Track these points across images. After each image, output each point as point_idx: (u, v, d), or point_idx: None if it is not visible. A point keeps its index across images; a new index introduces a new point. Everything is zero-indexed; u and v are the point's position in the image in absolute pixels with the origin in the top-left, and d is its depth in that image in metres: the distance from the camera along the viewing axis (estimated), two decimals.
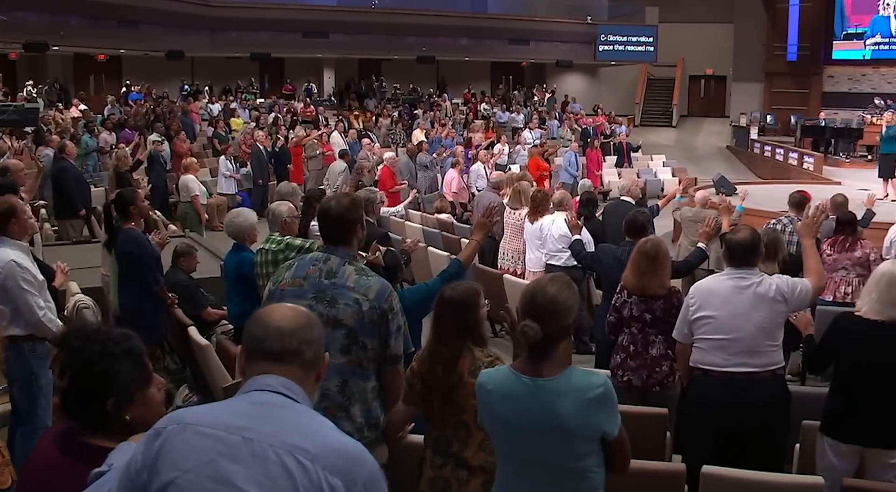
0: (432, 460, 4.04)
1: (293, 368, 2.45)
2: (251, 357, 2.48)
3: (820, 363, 5.23)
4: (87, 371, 2.66)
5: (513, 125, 29.66)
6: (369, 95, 33.91)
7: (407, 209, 14.43)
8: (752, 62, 35.93)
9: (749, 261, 5.09)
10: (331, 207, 4.35)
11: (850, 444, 4.83)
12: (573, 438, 3.19)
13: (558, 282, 3.33)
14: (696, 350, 5.12)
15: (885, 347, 4.75)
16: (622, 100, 38.37)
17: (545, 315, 3.21)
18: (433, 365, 4.01)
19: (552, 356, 3.26)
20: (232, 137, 23.19)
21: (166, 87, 30.48)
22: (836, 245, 8.86)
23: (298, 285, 4.22)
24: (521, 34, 35.25)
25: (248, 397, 2.40)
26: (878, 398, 4.77)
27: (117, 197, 7.53)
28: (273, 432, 2.29)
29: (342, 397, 4.16)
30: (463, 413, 3.94)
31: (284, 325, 2.47)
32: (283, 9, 30.68)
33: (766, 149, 29.53)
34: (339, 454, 2.31)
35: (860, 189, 19.83)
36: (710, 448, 4.89)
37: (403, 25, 32.36)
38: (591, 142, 23.99)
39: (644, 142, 30.87)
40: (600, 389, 3.19)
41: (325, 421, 2.45)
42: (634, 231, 7.16)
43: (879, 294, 4.80)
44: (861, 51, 33.67)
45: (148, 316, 7.30)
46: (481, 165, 18.08)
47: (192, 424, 2.33)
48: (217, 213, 17.64)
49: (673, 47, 36.77)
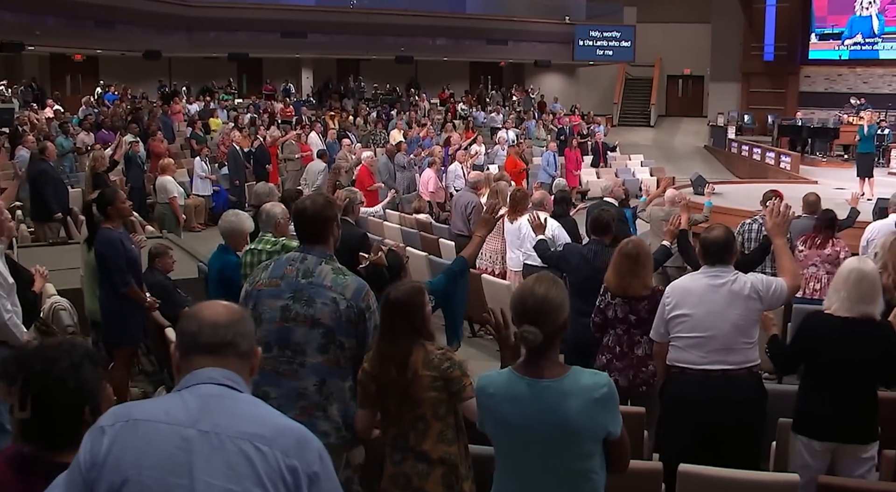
0: (391, 457, 4.02)
1: (230, 360, 2.46)
2: (187, 353, 2.48)
3: (791, 363, 5.25)
4: (62, 389, 2.60)
5: (491, 125, 29.66)
6: (348, 95, 33.86)
7: (385, 210, 14.40)
8: (729, 62, 36.08)
9: (724, 259, 5.11)
10: (306, 206, 4.35)
11: (825, 441, 4.87)
12: (578, 438, 3.17)
13: (545, 281, 3.31)
14: (673, 348, 5.14)
15: (857, 343, 4.78)
16: (600, 100, 38.46)
17: (539, 316, 3.20)
18: (385, 367, 3.99)
19: (552, 356, 3.25)
20: (211, 137, 23.12)
21: (144, 88, 30.34)
22: (808, 242, 8.92)
23: (275, 285, 4.22)
24: (500, 34, 35.30)
25: (195, 391, 2.39)
26: (851, 394, 4.82)
27: (99, 196, 7.48)
28: (227, 423, 2.31)
29: (320, 397, 4.16)
30: (420, 407, 3.94)
31: (218, 319, 2.49)
32: (261, 9, 30.62)
33: (743, 148, 29.66)
34: (291, 437, 2.36)
35: (836, 188, 20.01)
36: (687, 446, 4.90)
37: (382, 25, 32.34)
38: (568, 141, 24.01)
39: (622, 141, 30.96)
40: (605, 388, 3.18)
41: (270, 407, 2.49)
42: (599, 229, 7.21)
43: (849, 291, 4.83)
44: (837, 51, 33.88)
45: (124, 317, 7.27)
46: (459, 165, 18.08)
47: (144, 420, 2.33)
48: (195, 214, 17.60)
49: (651, 47, 36.90)
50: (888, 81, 33.00)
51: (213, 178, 18.68)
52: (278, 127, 24.29)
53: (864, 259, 5.11)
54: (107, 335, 7.38)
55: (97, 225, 7.30)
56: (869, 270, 4.88)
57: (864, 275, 4.84)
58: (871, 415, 4.90)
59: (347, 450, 4.34)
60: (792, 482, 4.38)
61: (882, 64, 32.94)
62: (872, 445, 4.89)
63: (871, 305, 4.82)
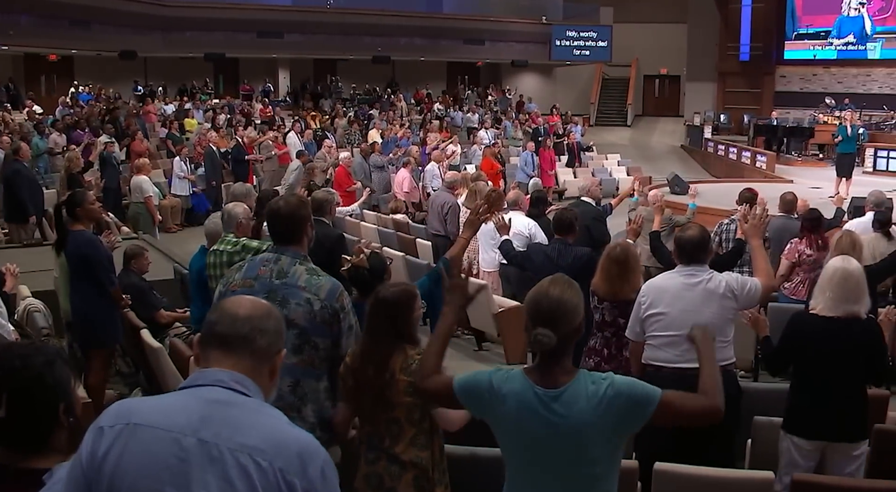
0: (366, 456, 4.01)
1: (243, 357, 2.41)
2: (205, 343, 2.45)
3: (780, 363, 5.26)
4: (40, 384, 2.57)
5: (468, 125, 29.69)
6: (325, 96, 33.81)
7: (362, 210, 14.38)
8: (705, 62, 36.29)
9: (698, 258, 5.14)
10: (280, 206, 4.35)
11: (816, 440, 4.91)
12: (588, 444, 3.11)
13: (560, 283, 3.23)
14: (648, 347, 5.16)
15: (843, 342, 4.83)
16: (577, 99, 38.55)
17: (554, 319, 3.11)
18: (364, 365, 3.98)
19: (566, 363, 3.18)
20: (186, 138, 23.03)
21: (119, 88, 30.19)
22: (813, 244, 8.82)
23: (249, 286, 4.19)
24: (477, 34, 35.35)
25: (199, 394, 2.35)
26: (840, 393, 4.86)
27: (68, 198, 7.45)
28: (228, 434, 2.27)
29: (294, 398, 4.14)
30: (394, 410, 3.93)
31: (238, 311, 2.45)
32: (237, 9, 30.51)
33: (719, 148, 29.82)
34: (294, 452, 2.30)
35: (812, 187, 20.17)
36: (663, 445, 4.91)
37: (359, 25, 32.29)
38: (543, 141, 24.07)
39: (599, 141, 31.07)
40: (608, 390, 3.07)
41: (278, 414, 2.41)
42: (563, 229, 7.22)
43: (833, 291, 4.87)
44: (812, 51, 34.13)
45: (101, 319, 7.23)
46: (436, 165, 18.07)
47: (144, 425, 2.28)
48: (171, 214, 17.52)
49: (627, 47, 37.04)
50: (862, 81, 33.29)
51: (192, 178, 18.61)
52: (255, 128, 24.21)
53: (847, 258, 5.13)
54: (84, 337, 7.34)
55: (66, 227, 7.26)
56: (853, 268, 4.91)
57: (848, 274, 4.88)
58: (861, 413, 4.95)
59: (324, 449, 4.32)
60: (767, 480, 4.41)
61: (855, 64, 33.20)
62: (862, 442, 4.94)
63: (857, 304, 4.86)
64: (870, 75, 33.31)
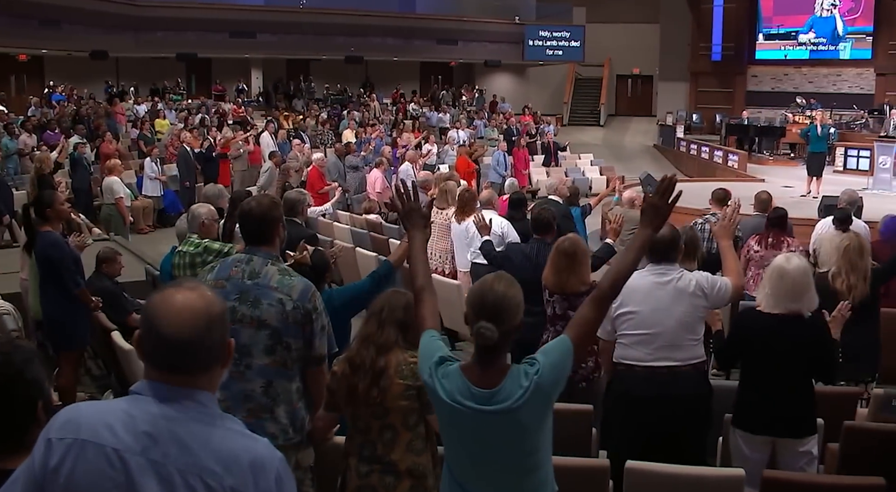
0: (357, 469, 3.94)
1: (191, 371, 2.29)
2: (150, 361, 2.30)
3: (728, 359, 5.35)
4: (21, 381, 2.55)
5: (440, 125, 29.69)
6: (297, 96, 33.72)
7: (335, 210, 14.34)
8: (677, 62, 36.51)
9: (669, 256, 5.16)
10: (252, 207, 4.34)
11: (762, 435, 4.96)
12: (524, 436, 3.15)
13: (504, 279, 3.26)
14: (619, 346, 5.17)
15: (784, 339, 4.87)
16: (550, 99, 38.63)
17: (498, 314, 3.14)
18: (363, 349, 3.94)
19: (501, 360, 3.20)
20: (158, 138, 22.90)
21: (91, 88, 29.97)
22: (763, 242, 8.95)
23: (221, 287, 4.17)
24: (450, 34, 35.39)
25: (147, 407, 2.25)
26: (784, 390, 4.92)
27: (36, 199, 7.41)
28: (177, 453, 2.20)
29: (267, 399, 4.13)
30: (389, 415, 3.89)
31: (181, 334, 2.24)
32: (209, 8, 30.37)
33: (691, 147, 29.95)
34: (246, 465, 2.23)
35: (784, 186, 20.30)
36: (634, 443, 4.94)
37: (331, 25, 32.24)
38: (517, 141, 24.10)
39: (572, 141, 31.13)
40: (537, 376, 3.11)
41: (230, 425, 2.34)
42: (541, 228, 7.23)
43: (772, 288, 4.93)
44: (783, 51, 34.39)
45: (71, 321, 7.20)
46: (410, 165, 18.07)
47: (92, 441, 2.20)
48: (142, 215, 17.42)
49: (600, 47, 37.17)
50: (832, 81, 33.58)
51: (163, 178, 18.51)
52: (229, 128, 24.10)
53: (789, 257, 5.13)
54: (54, 339, 7.30)
55: (35, 228, 7.21)
56: (791, 268, 4.92)
57: (784, 273, 4.91)
58: (807, 410, 5.00)
59: (296, 451, 4.31)
60: (737, 477, 4.43)
61: (825, 64, 33.49)
62: (809, 439, 4.98)
63: (796, 303, 4.89)
64: (840, 75, 33.61)
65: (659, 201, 3.47)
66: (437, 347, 3.31)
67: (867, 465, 4.68)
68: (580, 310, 3.40)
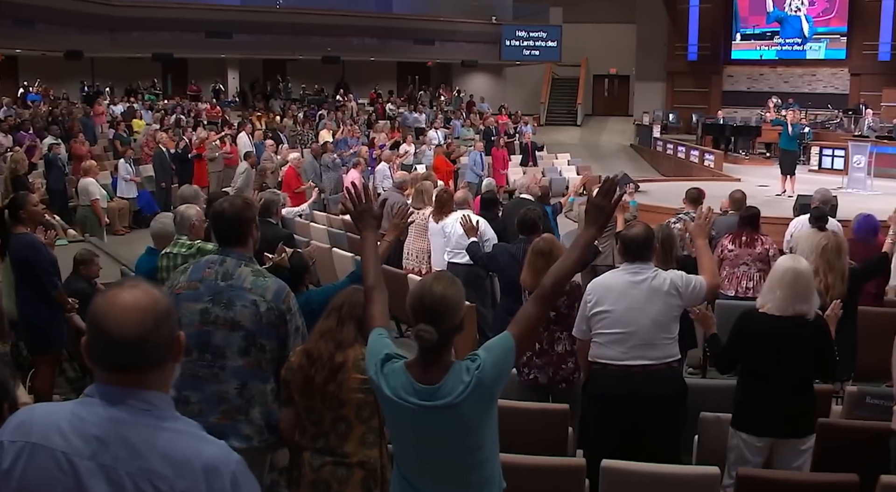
0: (310, 462, 3.98)
1: (144, 373, 2.26)
2: (97, 364, 2.27)
3: (729, 362, 5.29)
4: None
5: (416, 125, 29.67)
6: (274, 96, 33.63)
7: (312, 210, 14.31)
8: (654, 62, 36.67)
9: (643, 255, 5.17)
10: (224, 209, 4.31)
11: (765, 437, 4.96)
12: (469, 432, 3.19)
13: (443, 279, 3.30)
14: (595, 345, 5.17)
15: (791, 341, 4.88)
16: (527, 99, 38.64)
17: (437, 315, 3.17)
18: (322, 343, 3.97)
19: (444, 357, 3.23)
20: (134, 139, 22.77)
21: (66, 88, 29.77)
22: (737, 241, 8.98)
23: (194, 288, 4.17)
24: (427, 34, 35.36)
25: (98, 411, 2.23)
26: (788, 391, 4.93)
27: (10, 201, 7.36)
28: (127, 457, 2.18)
29: (241, 400, 4.12)
30: (343, 408, 3.92)
31: (127, 334, 2.21)
32: (185, 8, 30.20)
33: (668, 147, 30.05)
34: (198, 469, 2.20)
35: (759, 185, 20.40)
36: (610, 442, 4.94)
37: (308, 25, 32.14)
38: (496, 141, 24.12)
39: (549, 141, 31.20)
40: (478, 371, 3.15)
41: (182, 427, 2.29)
42: (527, 228, 7.23)
43: (784, 291, 4.90)
44: (759, 51, 34.61)
45: (46, 323, 7.16)
46: (386, 166, 18.06)
47: (42, 445, 2.20)
48: (118, 217, 17.33)
49: (577, 47, 37.20)
50: (808, 81, 33.82)
51: (138, 180, 18.41)
52: (204, 128, 24.00)
53: (797, 258, 5.18)
54: (30, 341, 7.26)
55: (9, 230, 7.16)
56: (803, 268, 4.96)
57: (799, 274, 4.91)
58: (808, 409, 5.02)
59: (271, 452, 4.31)
60: (713, 475, 4.45)
61: (801, 64, 33.73)
62: (810, 437, 5.01)
63: (806, 304, 4.91)
64: (815, 75, 33.86)
65: (602, 201, 3.51)
66: (384, 345, 3.35)
67: (842, 462, 4.72)
68: (524, 307, 3.46)
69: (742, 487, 4.47)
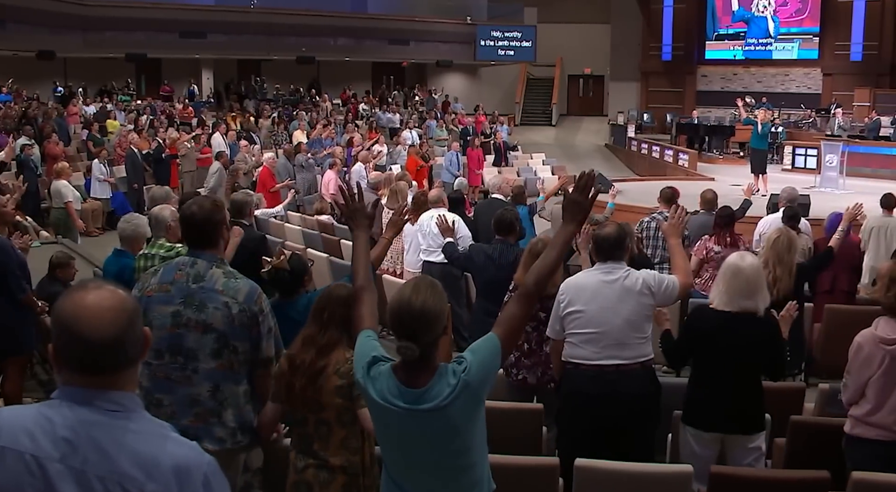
0: (295, 464, 3.99)
1: (112, 372, 2.24)
2: (67, 366, 2.23)
3: (679, 357, 5.37)
4: None
5: (391, 126, 29.63)
6: (249, 96, 33.51)
7: (286, 211, 14.27)
8: (628, 62, 36.86)
9: (615, 255, 5.18)
10: (194, 212, 4.27)
11: (710, 432, 5.01)
12: (457, 434, 3.17)
13: (422, 289, 3.20)
14: (568, 345, 5.18)
15: (736, 336, 4.93)
16: (502, 99, 38.71)
17: (416, 331, 3.11)
18: (305, 349, 3.97)
19: (431, 362, 3.18)
20: (108, 139, 22.62)
21: (38, 89, 29.52)
22: (721, 241, 8.95)
23: (165, 291, 4.14)
24: (402, 34, 35.37)
25: (67, 413, 2.20)
26: (734, 387, 4.96)
27: None
28: (96, 459, 2.16)
29: (214, 403, 4.10)
30: (324, 412, 3.92)
31: (104, 334, 2.19)
32: (158, 8, 30.04)
33: (642, 146, 30.19)
34: (168, 471, 2.17)
35: (733, 184, 20.46)
36: (584, 441, 4.95)
37: (283, 26, 32.07)
38: (471, 141, 24.14)
39: (524, 141, 31.27)
40: (465, 374, 3.12)
41: (152, 428, 2.27)
42: (504, 229, 7.23)
43: (726, 286, 4.98)
44: (732, 51, 34.83)
45: (17, 326, 7.08)
46: (362, 166, 18.02)
47: (10, 448, 2.17)
48: (91, 218, 17.20)
49: (552, 47, 37.32)
50: (781, 81, 34.06)
51: (112, 180, 18.28)
52: (177, 129, 23.87)
53: (744, 255, 5.22)
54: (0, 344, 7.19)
55: None
56: (745, 265, 4.99)
57: (738, 270, 4.96)
58: (756, 406, 5.06)
59: (245, 453, 4.29)
60: (685, 473, 4.47)
61: (774, 64, 33.98)
62: (758, 435, 5.04)
63: (750, 300, 4.94)
64: (788, 75, 34.11)
65: (579, 197, 3.50)
66: (372, 348, 3.31)
67: (813, 459, 4.75)
68: (507, 307, 3.44)
69: (714, 484, 4.49)
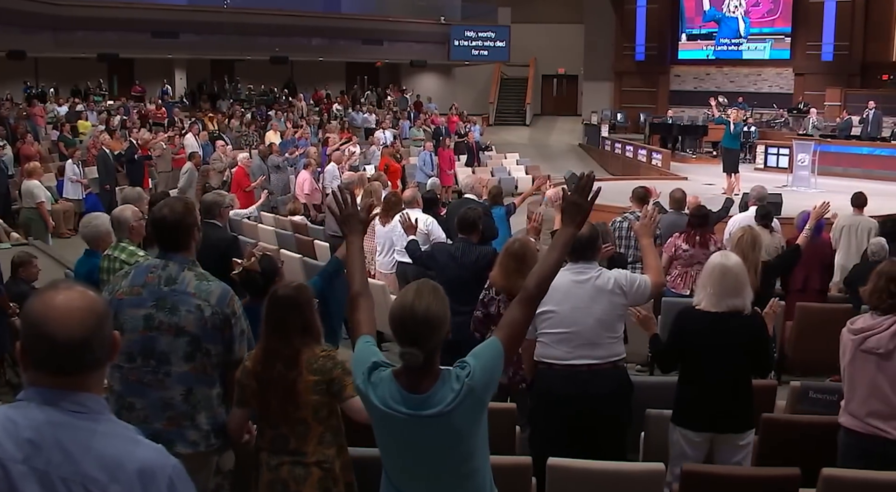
0: (268, 462, 3.98)
1: (84, 375, 2.23)
2: (36, 366, 2.22)
3: (669, 361, 5.36)
4: None
5: (365, 126, 29.60)
6: (222, 97, 33.38)
7: (260, 211, 14.23)
8: (602, 62, 36.96)
9: (587, 255, 5.19)
10: (165, 215, 4.22)
11: (704, 432, 5.03)
12: (460, 440, 3.14)
13: (425, 294, 3.16)
14: (540, 345, 5.19)
15: (727, 336, 4.95)
16: (476, 99, 38.77)
17: (420, 337, 3.08)
18: (271, 363, 3.96)
19: (433, 367, 3.15)
20: (80, 140, 22.48)
21: (9, 89, 29.28)
22: (691, 240, 9.02)
23: (137, 294, 4.10)
24: (375, 34, 35.33)
25: (32, 415, 2.19)
26: (725, 386, 4.99)
27: None
28: (60, 460, 2.14)
29: (187, 406, 4.07)
30: (300, 410, 3.92)
31: (72, 334, 2.18)
32: (130, 7, 29.82)
33: (616, 146, 30.28)
34: (133, 473, 2.16)
35: (706, 184, 20.60)
36: (557, 440, 4.96)
37: (256, 26, 31.93)
38: (443, 141, 24.14)
39: (498, 140, 31.34)
40: (469, 379, 3.10)
41: (117, 431, 2.26)
42: (466, 228, 7.24)
43: (714, 287, 4.99)
44: (705, 51, 35.02)
45: None
46: (335, 166, 17.99)
47: None
48: (63, 219, 17.09)
49: (525, 47, 37.40)
50: (753, 81, 34.28)
51: (84, 181, 18.17)
52: (150, 129, 23.74)
53: (727, 254, 5.27)
54: None
55: None
56: (732, 264, 5.03)
57: (727, 269, 4.99)
58: (747, 404, 5.08)
59: (218, 456, 4.27)
60: (658, 471, 4.48)
61: (746, 64, 34.20)
62: (748, 432, 5.08)
63: (737, 299, 4.97)
64: (760, 75, 34.34)
65: (579, 199, 3.50)
66: (372, 353, 3.29)
67: (785, 456, 4.78)
68: (509, 311, 3.41)
69: (686, 482, 4.51)
